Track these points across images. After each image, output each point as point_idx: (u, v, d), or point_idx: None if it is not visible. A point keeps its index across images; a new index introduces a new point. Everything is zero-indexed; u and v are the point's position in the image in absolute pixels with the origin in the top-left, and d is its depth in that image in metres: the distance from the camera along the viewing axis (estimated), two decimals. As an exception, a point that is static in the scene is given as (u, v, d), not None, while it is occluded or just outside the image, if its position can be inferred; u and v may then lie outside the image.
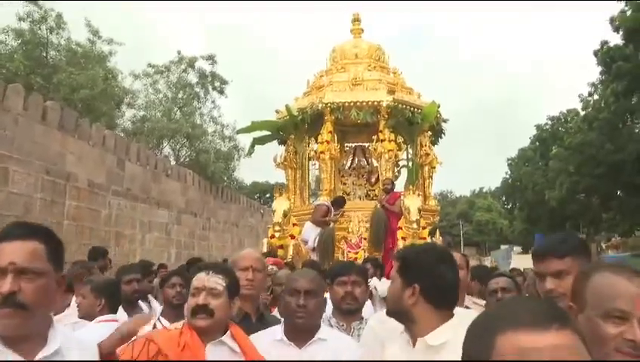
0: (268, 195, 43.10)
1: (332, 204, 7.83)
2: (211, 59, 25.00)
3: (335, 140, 8.60)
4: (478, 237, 59.03)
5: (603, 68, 20.48)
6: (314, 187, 12.18)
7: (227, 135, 25.71)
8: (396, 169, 8.92)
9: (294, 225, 8.05)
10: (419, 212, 7.42)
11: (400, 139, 8.51)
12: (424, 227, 7.81)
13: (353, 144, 9.92)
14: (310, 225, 7.55)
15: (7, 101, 10.41)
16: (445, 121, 9.34)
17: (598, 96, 22.77)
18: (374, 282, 4.75)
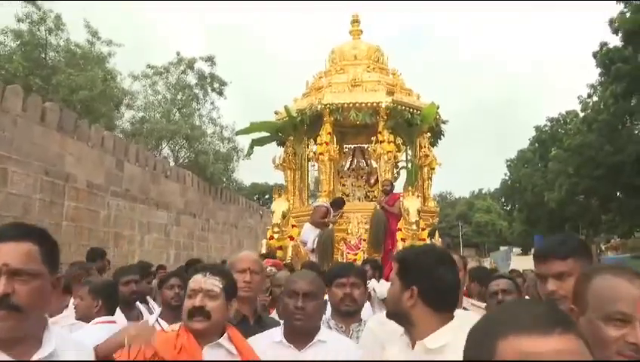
0: (267, 196, 43.12)
1: (331, 206, 7.81)
2: (210, 60, 25.04)
3: (334, 141, 8.59)
4: (478, 238, 59.05)
5: (602, 69, 20.50)
6: (313, 188, 12.18)
7: (226, 136, 25.76)
8: (395, 170, 8.91)
9: (293, 227, 8.04)
10: (418, 213, 7.42)
11: (399, 140, 8.51)
12: (423, 228, 7.81)
13: (352, 145, 9.92)
14: (309, 227, 7.54)
15: (6, 102, 10.40)
16: (445, 123, 9.34)
17: (598, 97, 22.79)
18: (373, 284, 4.73)
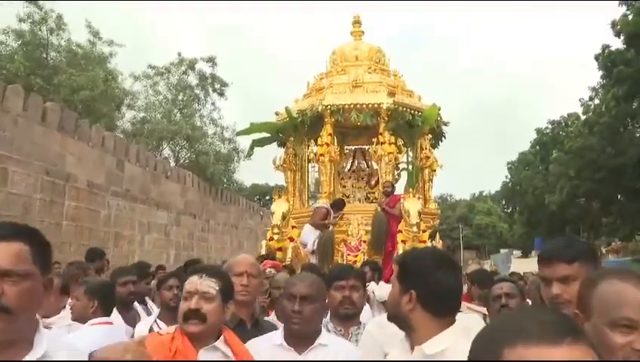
0: (267, 197, 43.06)
1: (331, 207, 7.78)
2: (211, 61, 25.05)
3: (335, 142, 8.56)
4: (478, 240, 58.99)
5: (604, 72, 20.48)
6: (313, 189, 12.15)
7: (227, 137, 25.76)
8: (396, 172, 8.88)
9: (293, 228, 8.00)
10: (419, 215, 7.37)
11: (400, 141, 8.47)
12: (424, 230, 7.76)
13: (353, 146, 9.89)
14: (309, 228, 7.50)
15: (6, 102, 10.40)
16: (446, 124, 9.30)
17: (599, 100, 22.75)
18: (372, 286, 4.71)
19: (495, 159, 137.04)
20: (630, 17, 18.15)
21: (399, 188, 8.66)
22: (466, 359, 0.83)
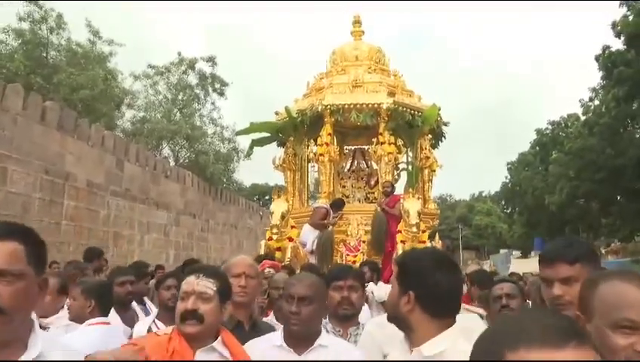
0: (267, 197, 43.04)
1: (331, 207, 7.77)
2: (211, 60, 25.05)
3: (334, 142, 8.55)
4: (478, 241, 58.99)
5: (604, 73, 20.46)
6: (313, 189, 12.15)
7: (226, 137, 25.78)
8: (396, 172, 8.87)
9: (292, 228, 7.99)
10: (418, 215, 7.36)
11: (400, 141, 8.48)
12: (424, 230, 7.75)
13: (353, 146, 9.88)
14: (309, 228, 7.49)
15: (6, 101, 10.39)
16: (446, 125, 9.30)
17: (599, 101, 22.74)
18: (371, 286, 4.69)
19: (495, 159, 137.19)
20: (631, 18, 18.13)
21: (399, 188, 8.65)
22: (466, 360, 0.82)
